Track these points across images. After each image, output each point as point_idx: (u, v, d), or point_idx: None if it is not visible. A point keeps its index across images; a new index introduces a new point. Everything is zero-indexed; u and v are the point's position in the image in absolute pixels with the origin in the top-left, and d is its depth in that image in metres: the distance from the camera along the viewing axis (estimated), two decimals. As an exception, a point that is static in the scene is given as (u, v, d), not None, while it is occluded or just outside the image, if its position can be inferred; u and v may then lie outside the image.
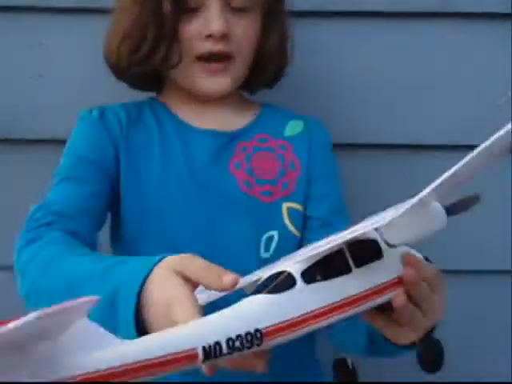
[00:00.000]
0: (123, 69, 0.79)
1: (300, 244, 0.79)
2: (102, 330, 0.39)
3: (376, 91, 0.99)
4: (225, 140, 0.80)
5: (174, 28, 0.74)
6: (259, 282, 0.47)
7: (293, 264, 0.47)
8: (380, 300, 0.50)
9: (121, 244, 0.78)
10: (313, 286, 0.46)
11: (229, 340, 0.41)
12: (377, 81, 0.98)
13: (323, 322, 0.46)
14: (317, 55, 0.97)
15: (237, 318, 0.43)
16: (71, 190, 0.73)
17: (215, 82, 0.77)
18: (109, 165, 0.76)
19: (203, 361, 0.40)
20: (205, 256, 0.54)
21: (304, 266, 0.46)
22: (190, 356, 0.40)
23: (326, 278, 0.47)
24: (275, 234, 0.77)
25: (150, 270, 0.51)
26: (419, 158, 0.99)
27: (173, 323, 0.46)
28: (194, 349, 0.40)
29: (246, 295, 0.46)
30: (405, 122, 0.99)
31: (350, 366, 0.58)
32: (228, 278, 0.48)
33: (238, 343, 0.41)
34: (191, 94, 0.80)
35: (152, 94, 0.86)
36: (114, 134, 0.78)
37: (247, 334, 0.42)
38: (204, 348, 0.40)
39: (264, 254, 0.76)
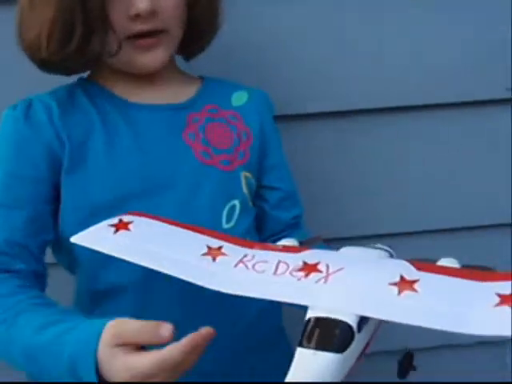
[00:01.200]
0: (54, 63, 0.72)
1: (256, 215, 0.80)
2: None
3: (313, 57, 0.97)
4: (173, 113, 0.77)
5: (102, 11, 0.69)
6: (313, 331, 0.47)
7: (347, 314, 0.47)
8: None
9: (64, 250, 0.73)
10: (362, 333, 0.48)
11: None
12: (314, 45, 0.97)
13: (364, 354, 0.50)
14: (250, 22, 0.95)
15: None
16: (5, 222, 0.68)
17: (148, 56, 0.73)
18: (42, 174, 0.70)
19: None
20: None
21: (358, 318, 0.47)
22: None
23: (366, 322, 0.49)
24: (237, 203, 0.76)
25: (96, 349, 0.53)
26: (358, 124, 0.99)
27: (141, 378, 0.51)
28: None
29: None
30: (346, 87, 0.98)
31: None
32: (164, 329, 0.50)
33: None
34: (132, 74, 0.76)
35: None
36: (46, 133, 0.71)
37: None
38: None
39: (226, 225, 0.74)
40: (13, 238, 0.67)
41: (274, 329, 0.79)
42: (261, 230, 0.81)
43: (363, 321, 0.48)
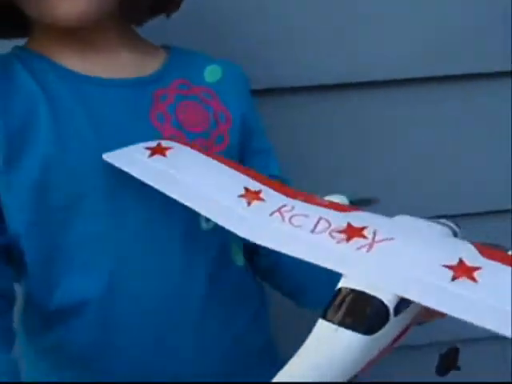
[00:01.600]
0: None
1: None
2: None
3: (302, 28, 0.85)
4: (136, 89, 0.62)
5: None
6: (341, 303, 0.42)
7: (385, 293, 0.41)
8: None
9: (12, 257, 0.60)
10: (397, 318, 0.42)
11: None
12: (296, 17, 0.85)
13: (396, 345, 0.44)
14: None
15: (334, 365, 0.39)
16: None
17: (66, 3, 0.57)
18: None
19: None
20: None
21: (397, 300, 0.41)
22: None
23: (406, 307, 0.42)
24: None
25: None
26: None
27: None
28: None
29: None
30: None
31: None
32: None
33: None
34: (68, 34, 0.61)
35: (18, 42, 0.65)
36: None
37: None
38: None
39: (205, 225, 0.61)
40: None
41: (261, 342, 0.69)
42: None
43: (403, 304, 0.41)
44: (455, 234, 0.49)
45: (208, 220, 0.60)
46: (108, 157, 0.56)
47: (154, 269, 0.59)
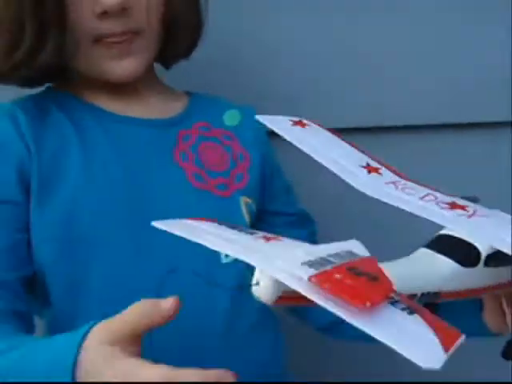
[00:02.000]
0: (4, 74, 0.64)
1: None
2: None
3: (320, 73, 0.91)
4: (161, 129, 0.68)
5: (58, 8, 0.60)
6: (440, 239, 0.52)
7: (481, 243, 0.51)
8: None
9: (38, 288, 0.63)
10: (487, 269, 0.51)
11: (423, 294, 0.47)
12: (320, 64, 0.91)
13: (477, 297, 0.55)
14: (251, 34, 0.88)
15: (429, 274, 0.48)
16: None
17: (120, 64, 0.64)
18: (15, 197, 0.61)
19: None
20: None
21: (489, 251, 0.50)
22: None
23: (496, 265, 0.51)
24: None
25: (78, 351, 0.46)
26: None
27: None
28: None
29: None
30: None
31: None
32: (166, 304, 0.46)
33: (424, 298, 0.47)
34: (108, 83, 0.67)
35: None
36: (13, 146, 0.62)
37: (433, 293, 0.48)
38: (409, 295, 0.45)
39: (226, 259, 0.64)
40: None
41: (279, 370, 0.70)
42: None
43: (499, 259, 0.49)
44: None
45: (227, 255, 0.63)
46: (260, 117, 0.63)
47: None
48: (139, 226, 0.61)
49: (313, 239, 0.76)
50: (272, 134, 0.76)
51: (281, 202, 0.74)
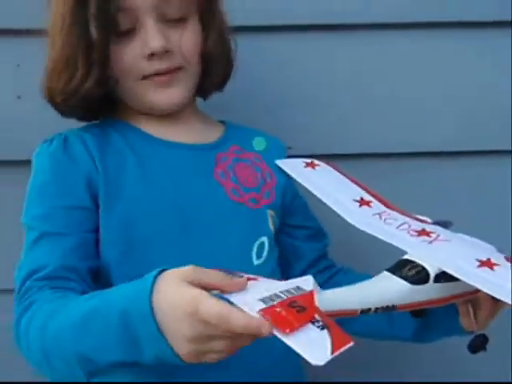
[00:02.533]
0: (60, 104, 0.77)
1: (287, 250, 0.85)
2: None
3: (334, 105, 1.03)
4: (203, 152, 0.81)
5: (104, 54, 0.73)
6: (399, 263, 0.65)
7: (431, 265, 0.64)
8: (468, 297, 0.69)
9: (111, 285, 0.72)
10: (437, 285, 0.64)
11: (376, 309, 0.62)
12: (336, 95, 1.03)
13: (433, 306, 0.66)
14: (274, 68, 1.01)
15: (383, 293, 0.62)
16: (54, 250, 0.70)
17: (165, 94, 0.77)
18: (85, 203, 0.73)
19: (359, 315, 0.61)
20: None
21: (437, 271, 0.64)
22: (352, 313, 0.61)
23: (445, 281, 0.64)
24: (265, 239, 0.80)
25: (155, 279, 0.55)
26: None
27: (201, 321, 0.52)
28: (356, 311, 0.61)
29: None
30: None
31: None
32: (239, 282, 0.56)
33: (380, 310, 0.62)
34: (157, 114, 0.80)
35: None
36: (84, 164, 0.74)
37: (388, 306, 0.62)
38: (362, 310, 0.61)
39: (256, 261, 0.78)
40: (66, 263, 0.69)
41: (295, 368, 0.81)
42: (296, 261, 0.86)
43: (445, 277, 0.63)
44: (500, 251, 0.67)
45: (258, 257, 0.78)
46: (279, 163, 0.83)
47: None
48: (187, 231, 0.75)
49: (325, 250, 0.89)
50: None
51: (300, 217, 0.88)
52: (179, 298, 0.53)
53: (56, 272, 0.68)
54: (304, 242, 0.88)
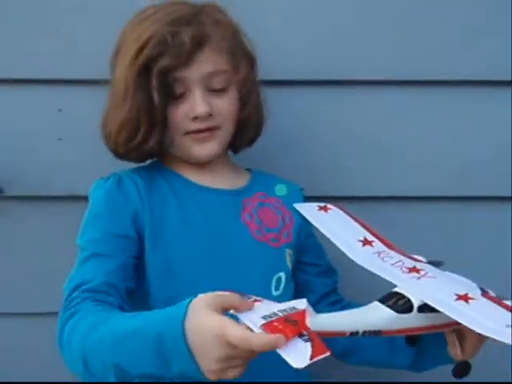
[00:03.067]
0: (121, 154, 0.90)
1: (302, 284, 0.95)
2: None
3: (344, 151, 1.12)
4: (233, 197, 0.92)
5: (163, 115, 0.85)
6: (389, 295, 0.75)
7: (415, 297, 0.73)
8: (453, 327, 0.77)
9: (147, 305, 0.83)
10: (420, 314, 0.73)
11: (364, 332, 0.70)
12: (346, 142, 1.12)
13: (416, 334, 0.76)
14: (292, 119, 1.11)
15: (371, 319, 0.71)
16: (100, 268, 0.80)
17: (203, 147, 0.89)
18: (131, 234, 0.84)
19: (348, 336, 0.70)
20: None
21: (420, 303, 0.73)
22: (342, 334, 0.69)
23: (429, 312, 0.73)
24: (282, 274, 0.89)
25: (187, 307, 0.64)
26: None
27: (227, 344, 0.60)
28: (345, 332, 0.70)
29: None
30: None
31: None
32: (248, 301, 0.66)
33: (367, 334, 0.71)
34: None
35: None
36: (134, 201, 0.86)
37: (374, 330, 0.71)
38: (351, 332, 0.70)
39: (275, 293, 0.87)
40: (108, 280, 0.79)
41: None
42: (309, 295, 0.93)
43: (428, 308, 0.71)
44: (481, 289, 0.75)
45: (276, 289, 0.88)
46: (298, 206, 0.94)
47: None
48: (217, 265, 0.85)
49: (335, 286, 0.99)
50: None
51: (313, 255, 0.98)
52: (209, 324, 0.61)
53: (100, 287, 0.78)
54: (316, 277, 0.97)
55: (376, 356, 0.91)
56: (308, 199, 0.99)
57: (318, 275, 0.98)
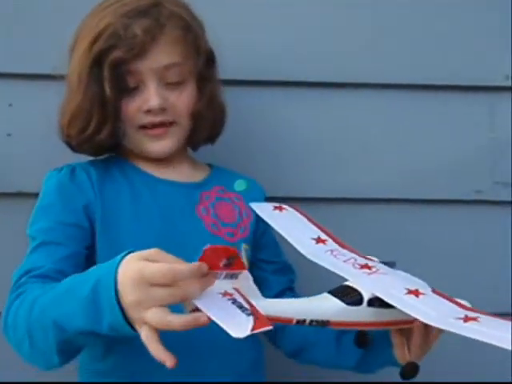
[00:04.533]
0: (74, 146, 0.89)
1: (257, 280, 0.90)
2: None
3: (306, 153, 1.12)
4: (189, 190, 0.91)
5: (116, 107, 0.85)
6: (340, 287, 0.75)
7: (366, 291, 0.74)
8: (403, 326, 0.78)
9: None
10: (370, 309, 0.73)
11: (311, 321, 0.71)
12: (307, 143, 1.12)
13: (366, 329, 0.79)
14: (254, 119, 1.10)
15: (319, 308, 0.72)
16: (50, 255, 0.79)
17: (158, 144, 0.88)
18: (83, 223, 0.83)
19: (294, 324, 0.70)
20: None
21: (371, 296, 0.73)
22: (288, 321, 0.70)
23: (379, 307, 0.73)
24: None
25: (120, 262, 0.63)
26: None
27: (147, 282, 0.60)
28: (291, 319, 0.70)
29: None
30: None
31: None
32: (194, 264, 0.62)
33: (314, 323, 0.71)
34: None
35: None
36: (86, 192, 0.85)
37: (322, 320, 0.71)
38: (297, 320, 0.70)
39: None
40: (58, 267, 0.78)
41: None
42: (265, 292, 0.89)
43: (377, 303, 0.72)
44: (431, 289, 0.75)
45: None
46: (255, 206, 0.93)
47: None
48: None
49: (291, 284, 0.98)
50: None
51: (269, 252, 0.97)
52: (129, 269, 0.62)
53: (48, 272, 0.77)
54: (272, 274, 0.96)
55: (323, 354, 0.91)
56: (270, 199, 0.99)
57: (274, 273, 0.97)
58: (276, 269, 0.98)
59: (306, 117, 1.12)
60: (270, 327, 0.60)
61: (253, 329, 0.60)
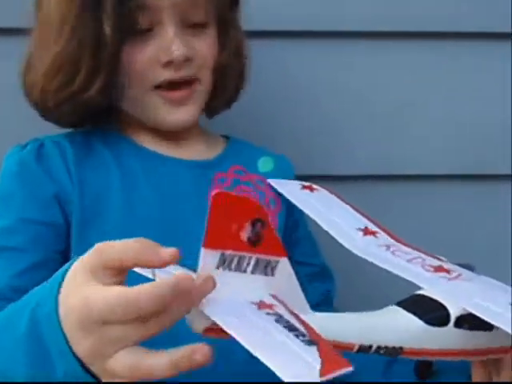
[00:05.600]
0: (49, 109, 0.69)
1: None
2: None
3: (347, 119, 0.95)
4: (199, 170, 0.72)
5: (115, 55, 0.65)
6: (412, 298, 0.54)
7: (452, 304, 0.52)
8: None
9: None
10: (459, 331, 0.52)
11: (378, 348, 0.49)
12: (345, 106, 0.94)
13: (448, 359, 0.53)
14: (279, 78, 0.93)
15: (390, 329, 0.50)
16: (8, 267, 0.62)
17: (180, 112, 0.69)
18: (54, 219, 0.65)
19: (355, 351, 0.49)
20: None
21: (461, 312, 0.51)
22: (348, 347, 0.48)
23: (470, 328, 0.52)
24: None
25: (60, 283, 0.44)
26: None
27: (98, 321, 0.40)
28: (353, 345, 0.48)
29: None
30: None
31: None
32: (167, 252, 0.43)
33: (382, 351, 0.49)
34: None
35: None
36: (58, 175, 0.66)
37: (394, 347, 0.49)
38: (360, 346, 0.48)
39: None
40: (16, 283, 0.60)
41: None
42: None
43: (469, 322, 0.51)
44: None
45: None
46: (275, 182, 0.74)
47: None
48: None
49: (329, 295, 0.78)
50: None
51: (304, 251, 0.77)
52: (71, 298, 0.42)
53: (3, 291, 0.60)
54: (305, 281, 0.74)
55: (366, 381, 0.70)
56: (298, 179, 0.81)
57: (309, 278, 0.76)
58: (312, 273, 0.77)
59: (346, 74, 0.94)
60: (350, 368, 0.38)
61: (323, 372, 0.37)
